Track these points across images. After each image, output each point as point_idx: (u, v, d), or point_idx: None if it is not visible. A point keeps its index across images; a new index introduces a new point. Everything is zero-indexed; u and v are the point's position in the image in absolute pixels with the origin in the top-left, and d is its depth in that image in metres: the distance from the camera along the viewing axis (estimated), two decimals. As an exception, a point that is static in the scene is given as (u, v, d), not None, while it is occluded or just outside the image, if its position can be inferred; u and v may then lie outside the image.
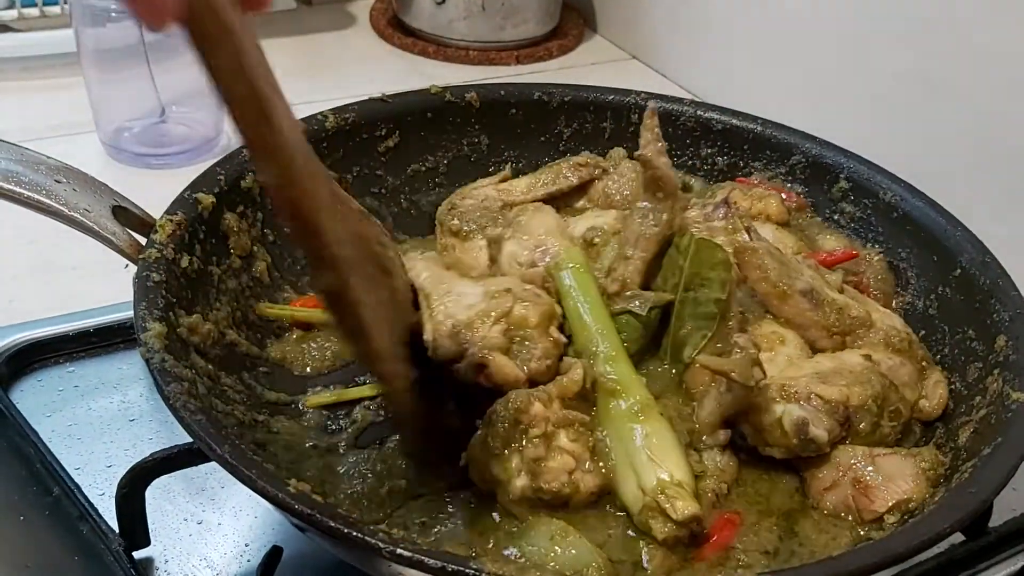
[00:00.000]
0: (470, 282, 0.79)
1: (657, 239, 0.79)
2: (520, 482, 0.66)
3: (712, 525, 0.67)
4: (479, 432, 0.69)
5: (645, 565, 0.65)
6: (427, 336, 0.75)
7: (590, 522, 0.68)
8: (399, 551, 0.55)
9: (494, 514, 0.68)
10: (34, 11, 1.36)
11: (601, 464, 0.68)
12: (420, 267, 0.81)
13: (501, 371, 0.71)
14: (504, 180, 0.98)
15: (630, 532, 0.67)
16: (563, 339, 0.75)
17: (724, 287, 0.75)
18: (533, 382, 0.72)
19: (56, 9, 1.36)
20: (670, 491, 0.65)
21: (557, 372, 0.73)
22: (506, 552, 0.65)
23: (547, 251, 0.82)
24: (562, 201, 0.96)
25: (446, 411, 0.74)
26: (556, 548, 0.64)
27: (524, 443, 0.67)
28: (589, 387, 0.71)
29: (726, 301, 0.75)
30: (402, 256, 0.82)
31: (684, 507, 0.64)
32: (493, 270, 0.85)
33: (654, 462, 0.66)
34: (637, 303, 0.76)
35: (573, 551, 0.64)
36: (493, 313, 0.73)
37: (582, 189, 0.97)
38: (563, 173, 0.96)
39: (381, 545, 0.55)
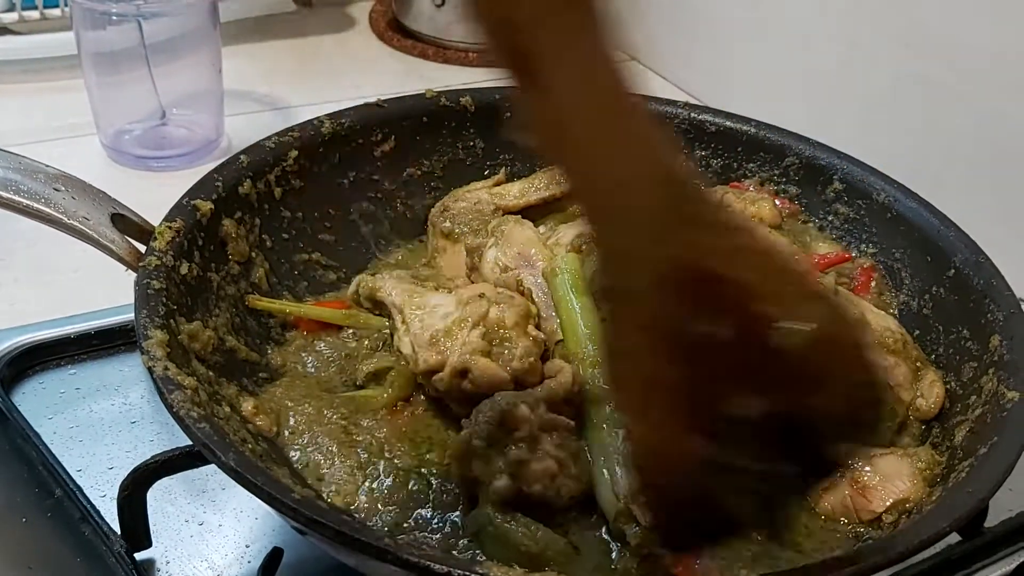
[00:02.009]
0: (442, 294, 0.79)
1: None
2: (501, 483, 0.67)
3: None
4: (463, 431, 0.69)
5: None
6: (406, 349, 0.75)
7: (574, 528, 0.68)
8: (405, 556, 0.56)
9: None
10: (35, 14, 1.36)
11: (583, 471, 0.69)
12: (390, 285, 0.81)
13: (485, 373, 0.72)
14: (498, 184, 0.98)
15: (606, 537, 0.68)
16: (542, 336, 0.75)
17: None
18: (519, 383, 0.72)
19: (57, 12, 1.37)
20: (642, 498, 0.64)
21: (542, 372, 0.74)
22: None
23: (528, 258, 0.83)
24: (555, 205, 0.97)
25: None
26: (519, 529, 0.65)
27: (508, 444, 0.67)
28: (577, 392, 0.72)
29: None
30: (377, 276, 0.83)
31: None
32: (473, 278, 0.86)
33: (629, 468, 0.66)
34: None
35: (538, 531, 0.65)
36: (470, 319, 0.74)
37: (577, 192, 0.98)
38: (557, 178, 0.97)
39: (387, 550, 0.56)
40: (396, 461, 0.72)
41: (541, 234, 0.89)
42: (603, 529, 0.69)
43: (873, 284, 0.89)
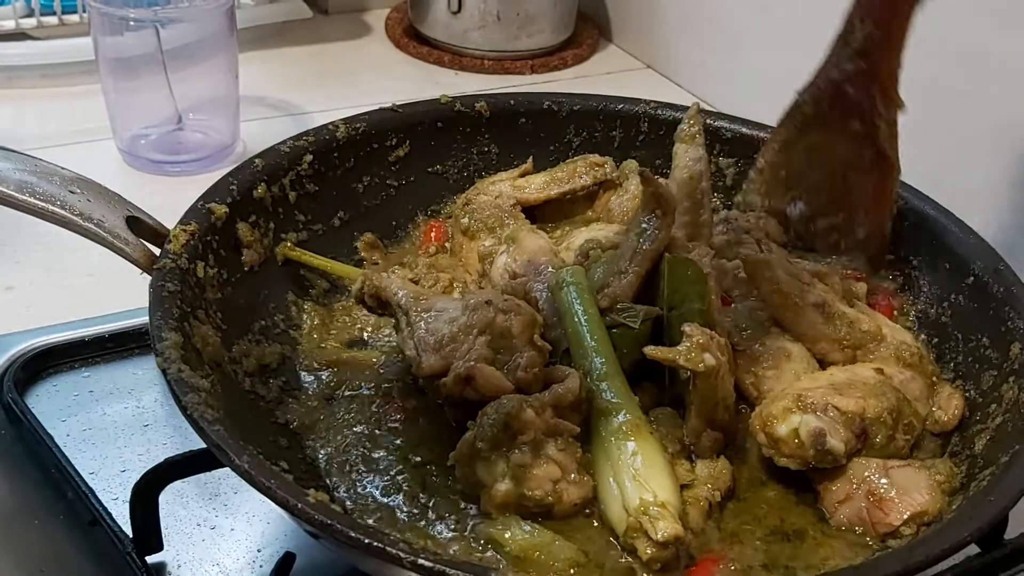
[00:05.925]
0: (449, 298, 0.79)
1: (651, 256, 0.78)
2: (503, 486, 0.66)
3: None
4: (468, 433, 0.69)
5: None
6: (409, 351, 0.75)
7: (579, 535, 0.68)
8: (420, 561, 0.56)
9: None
10: (53, 19, 1.37)
11: (587, 477, 0.68)
12: (396, 285, 0.80)
13: (489, 381, 0.71)
14: (524, 173, 0.98)
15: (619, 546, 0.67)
16: (548, 347, 0.75)
17: (704, 299, 0.75)
18: (521, 392, 0.72)
19: (75, 17, 1.38)
20: (652, 512, 0.64)
21: (545, 380, 0.73)
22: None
23: (537, 267, 0.83)
24: (571, 208, 0.97)
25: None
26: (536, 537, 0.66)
27: (512, 448, 0.67)
28: (584, 397, 0.71)
29: (707, 311, 0.75)
30: (383, 275, 0.82)
31: (665, 528, 0.63)
32: (483, 283, 0.86)
33: (638, 482, 0.66)
34: (629, 316, 0.76)
35: (556, 541, 0.66)
36: (476, 326, 0.73)
37: (591, 198, 0.98)
38: (578, 171, 0.98)
39: (402, 555, 0.56)
40: (398, 477, 0.72)
41: (555, 239, 0.89)
42: (611, 535, 0.68)
43: (894, 312, 0.88)
